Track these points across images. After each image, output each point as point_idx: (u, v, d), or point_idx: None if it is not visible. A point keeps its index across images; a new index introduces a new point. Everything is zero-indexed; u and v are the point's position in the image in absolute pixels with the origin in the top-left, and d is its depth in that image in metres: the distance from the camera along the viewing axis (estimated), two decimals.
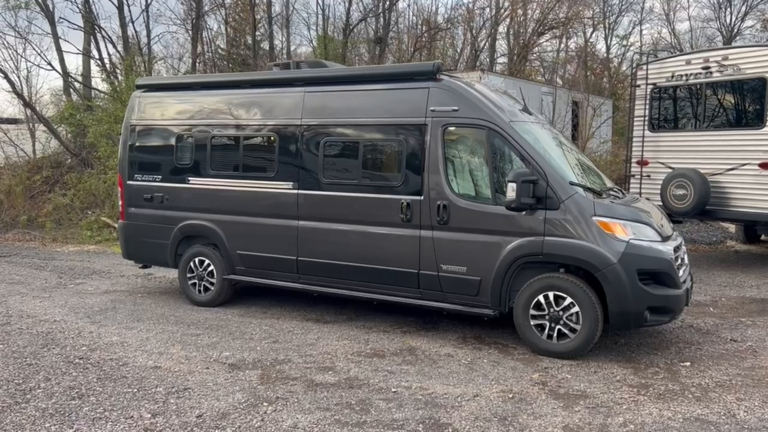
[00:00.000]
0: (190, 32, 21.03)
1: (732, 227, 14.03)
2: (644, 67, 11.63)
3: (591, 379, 5.55)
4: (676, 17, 38.73)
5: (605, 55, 34.84)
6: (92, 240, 15.01)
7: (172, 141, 8.29)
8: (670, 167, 11.05)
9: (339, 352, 6.24)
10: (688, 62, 10.99)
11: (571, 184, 6.09)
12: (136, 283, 9.94)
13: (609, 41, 35.38)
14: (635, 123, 11.80)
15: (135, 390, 5.20)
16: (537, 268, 6.22)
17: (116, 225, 15.63)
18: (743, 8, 33.84)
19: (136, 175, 8.56)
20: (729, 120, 10.88)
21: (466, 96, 6.50)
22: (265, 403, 4.93)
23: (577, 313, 5.94)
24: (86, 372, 5.62)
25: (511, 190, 5.96)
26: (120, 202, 8.80)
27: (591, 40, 33.84)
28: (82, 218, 16.46)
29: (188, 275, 8.25)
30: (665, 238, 6.21)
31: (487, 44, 27.91)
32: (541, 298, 6.08)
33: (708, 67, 10.63)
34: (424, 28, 25.64)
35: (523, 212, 6.11)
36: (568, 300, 5.97)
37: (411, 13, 37.20)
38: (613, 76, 33.67)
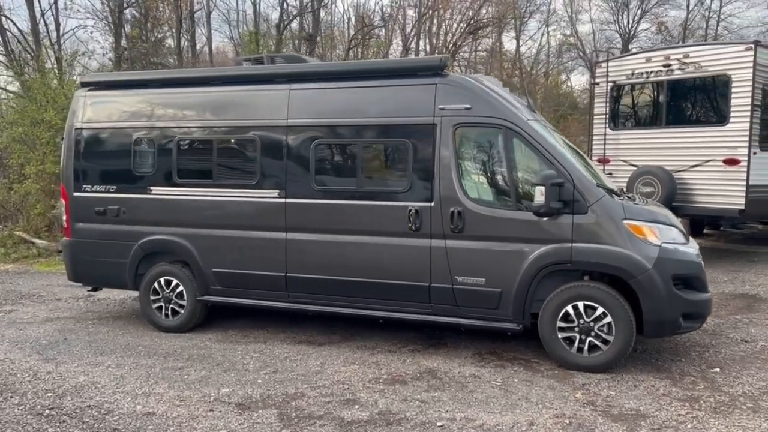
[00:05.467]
0: (111, 27, 19.37)
1: None
2: (603, 64, 11.62)
3: (636, 394, 5.19)
4: (578, 19, 40.09)
5: (515, 54, 35.46)
6: (8, 258, 13.37)
7: (129, 146, 7.28)
8: (633, 165, 11.07)
9: (353, 379, 5.57)
10: (649, 60, 11.04)
11: (597, 186, 5.73)
12: (79, 308, 8.76)
13: (519, 41, 36.11)
14: (595, 121, 11.77)
15: None
16: (558, 277, 5.81)
17: (36, 240, 14.20)
18: (639, 12, 35.52)
19: (84, 186, 7.46)
20: (692, 117, 11.05)
21: (479, 93, 6.00)
22: None
23: (609, 323, 5.57)
24: (65, 427, 4.65)
25: (539, 194, 5.52)
26: (65, 217, 7.65)
27: (502, 40, 34.37)
28: None
29: (152, 298, 7.26)
30: (687, 240, 5.99)
31: (413, 43, 27.70)
32: (569, 308, 5.67)
33: (669, 65, 10.70)
34: (357, 26, 25.05)
35: (548, 218, 5.68)
36: (600, 310, 5.58)
37: (341, 9, 36.57)
38: (525, 76, 34.34)
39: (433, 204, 6.04)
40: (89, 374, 5.83)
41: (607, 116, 11.51)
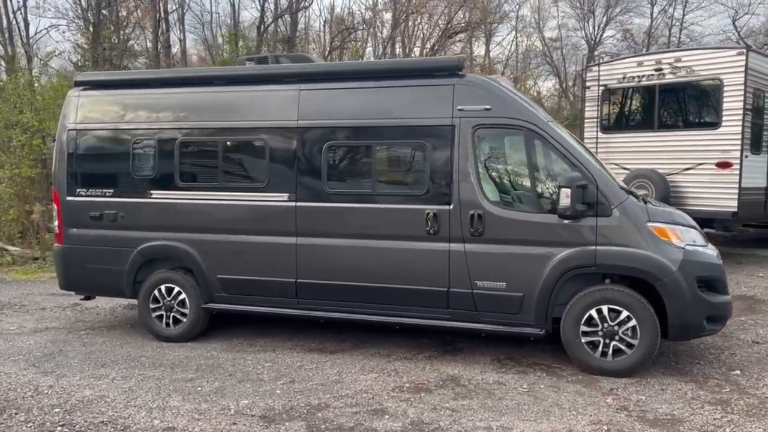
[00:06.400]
0: (83, 27, 18.82)
1: None
2: (594, 68, 11.67)
3: (665, 398, 5.13)
4: (546, 26, 40.45)
5: (484, 59, 35.66)
6: None
7: (128, 148, 6.98)
8: (625, 168, 11.11)
9: (376, 388, 5.39)
10: (640, 64, 11.13)
11: (620, 188, 5.68)
12: (68, 317, 8.38)
13: (489, 46, 36.34)
14: (587, 124, 11.81)
15: None
16: (579, 280, 5.73)
17: (9, 247, 13.63)
18: (604, 19, 36.13)
19: (78, 190, 7.13)
20: (684, 120, 11.15)
21: (498, 94, 5.89)
22: None
23: (633, 327, 5.51)
24: None
25: (565, 197, 5.43)
26: (56, 222, 7.30)
27: (472, 45, 34.51)
28: None
29: (152, 306, 6.96)
30: (707, 242, 5.97)
31: (389, 47, 27.62)
32: (593, 312, 5.59)
33: (660, 69, 10.80)
34: (334, 29, 24.86)
35: (571, 220, 5.60)
36: (625, 313, 5.52)
37: (318, 13, 36.25)
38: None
39: (451, 207, 5.91)
40: (95, 387, 5.52)
41: (599, 120, 11.56)
